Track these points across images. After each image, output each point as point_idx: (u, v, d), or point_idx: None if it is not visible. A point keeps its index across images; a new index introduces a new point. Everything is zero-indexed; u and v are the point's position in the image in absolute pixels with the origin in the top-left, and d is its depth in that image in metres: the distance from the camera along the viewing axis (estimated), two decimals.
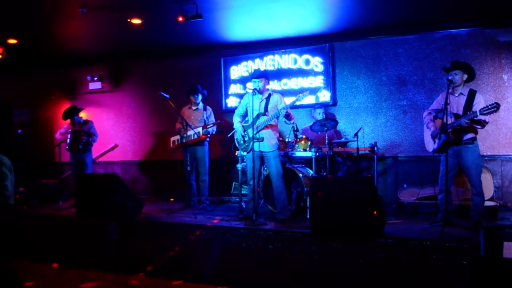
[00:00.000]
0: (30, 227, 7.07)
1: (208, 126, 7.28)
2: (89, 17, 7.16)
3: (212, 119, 7.64)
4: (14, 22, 7.58)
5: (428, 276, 4.45)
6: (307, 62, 8.50)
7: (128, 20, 7.37)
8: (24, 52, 9.48)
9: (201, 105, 7.68)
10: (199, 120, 7.52)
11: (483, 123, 5.25)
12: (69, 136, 8.17)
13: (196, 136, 7.30)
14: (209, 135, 7.37)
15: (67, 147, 8.19)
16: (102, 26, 7.88)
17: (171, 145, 7.81)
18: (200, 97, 7.65)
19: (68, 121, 8.42)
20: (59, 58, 10.16)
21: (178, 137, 7.62)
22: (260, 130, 6.09)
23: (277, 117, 6.10)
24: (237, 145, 6.48)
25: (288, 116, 6.04)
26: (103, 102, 10.25)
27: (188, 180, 7.50)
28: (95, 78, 10.23)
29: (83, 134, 8.05)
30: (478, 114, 5.06)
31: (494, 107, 4.91)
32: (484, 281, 3.93)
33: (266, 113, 6.14)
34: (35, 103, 10.90)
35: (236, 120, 6.47)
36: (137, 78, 10.03)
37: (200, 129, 7.26)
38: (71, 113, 8.31)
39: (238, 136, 6.42)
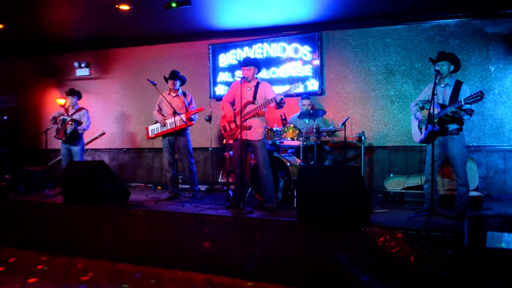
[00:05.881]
0: (16, 214, 7.04)
1: (192, 113, 7.11)
2: (77, 2, 7.08)
3: (194, 105, 7.41)
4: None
5: (412, 264, 4.51)
6: (296, 50, 8.49)
7: (116, 6, 7.29)
8: (10, 38, 9.35)
9: (180, 91, 7.39)
10: (180, 107, 7.22)
11: (469, 112, 5.29)
12: (59, 123, 8.02)
13: (179, 123, 7.03)
14: (193, 122, 7.23)
15: (55, 134, 8.07)
16: (90, 11, 7.77)
17: (150, 134, 7.46)
18: (178, 82, 7.34)
19: (63, 105, 8.28)
20: (46, 44, 10.05)
21: (157, 125, 7.33)
22: (248, 118, 6.08)
23: (266, 106, 6.08)
24: (223, 131, 6.45)
25: (282, 102, 5.98)
26: (90, 89, 10.14)
27: (171, 170, 7.26)
28: (83, 65, 10.13)
29: (70, 123, 7.84)
30: (463, 103, 5.12)
31: (478, 96, 4.97)
32: (468, 270, 3.99)
33: (255, 102, 6.12)
34: (21, 89, 10.77)
35: (226, 105, 6.41)
36: (125, 65, 9.95)
37: (183, 116, 7.04)
38: (73, 93, 8.13)
39: (224, 122, 6.39)
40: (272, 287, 5.02)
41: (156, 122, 7.42)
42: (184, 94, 7.41)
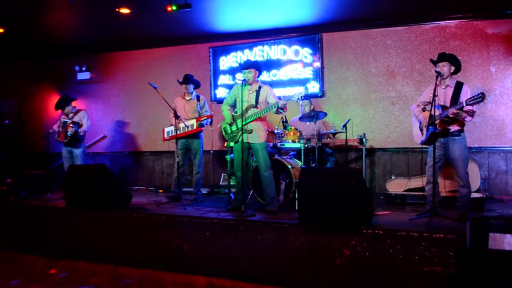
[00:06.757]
0: (17, 218, 7.03)
1: (202, 119, 7.12)
2: (77, 6, 7.08)
3: (207, 109, 7.46)
4: (0, 11, 7.47)
5: (415, 266, 4.50)
6: (297, 53, 8.49)
7: (117, 9, 7.30)
8: (11, 42, 9.36)
9: (194, 94, 7.43)
10: (193, 111, 7.31)
11: (470, 113, 5.28)
12: (60, 126, 8.05)
13: (190, 128, 7.07)
14: (203, 128, 7.24)
15: (56, 137, 8.09)
16: (90, 15, 7.79)
17: (165, 136, 7.44)
18: (192, 86, 7.39)
19: (60, 111, 8.32)
20: (47, 48, 10.05)
21: (172, 128, 7.26)
22: (250, 122, 6.07)
23: (268, 110, 6.06)
24: (224, 134, 6.44)
25: (283, 108, 6.01)
26: (91, 92, 10.16)
27: (179, 172, 7.24)
28: (83, 68, 10.14)
29: (71, 125, 7.88)
30: (464, 104, 5.09)
31: (480, 97, 4.93)
32: (470, 272, 3.98)
33: (258, 106, 6.12)
34: (22, 93, 10.77)
35: (225, 109, 6.44)
36: (126, 68, 9.95)
37: (194, 122, 7.09)
38: (63, 104, 8.17)
39: (225, 125, 6.39)
40: None
41: (171, 124, 7.38)
42: (198, 98, 7.43)
